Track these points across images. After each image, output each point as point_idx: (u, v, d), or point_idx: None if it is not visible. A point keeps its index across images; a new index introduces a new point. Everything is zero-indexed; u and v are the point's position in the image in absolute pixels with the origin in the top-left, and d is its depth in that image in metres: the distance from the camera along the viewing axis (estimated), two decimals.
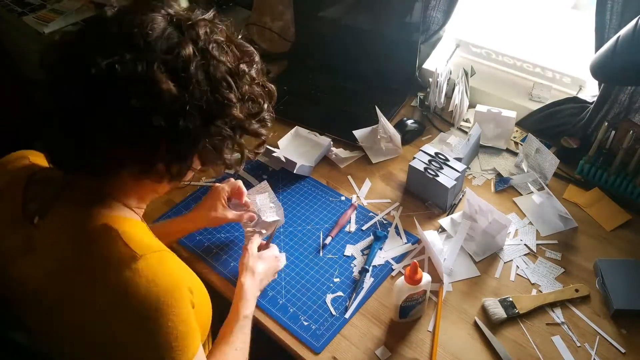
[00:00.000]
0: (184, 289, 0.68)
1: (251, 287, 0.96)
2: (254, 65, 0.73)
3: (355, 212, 1.21)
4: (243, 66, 0.70)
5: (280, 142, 1.36)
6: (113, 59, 0.60)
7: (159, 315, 0.64)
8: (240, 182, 1.09)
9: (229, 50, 0.69)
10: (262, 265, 1.00)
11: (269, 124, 0.78)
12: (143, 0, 0.68)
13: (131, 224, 0.72)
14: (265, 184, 1.16)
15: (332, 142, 1.36)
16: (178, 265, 0.71)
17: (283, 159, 1.27)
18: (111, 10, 0.66)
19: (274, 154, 1.28)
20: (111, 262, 0.65)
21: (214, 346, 0.88)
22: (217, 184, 1.08)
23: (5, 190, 0.76)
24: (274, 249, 1.06)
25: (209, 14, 0.71)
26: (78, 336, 0.68)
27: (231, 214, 1.06)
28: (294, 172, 1.26)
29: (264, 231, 1.09)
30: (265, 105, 0.75)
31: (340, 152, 1.36)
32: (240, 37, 0.74)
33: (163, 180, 0.70)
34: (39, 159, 0.80)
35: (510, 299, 1.01)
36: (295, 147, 1.38)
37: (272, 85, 0.77)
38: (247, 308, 0.93)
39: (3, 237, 0.73)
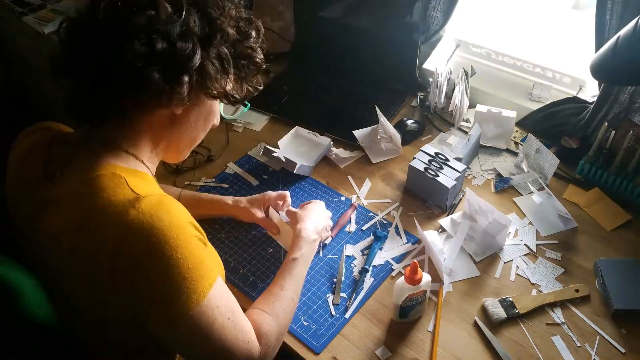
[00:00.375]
0: (188, 225, 0.71)
1: (305, 230, 1.01)
2: (238, 0, 0.80)
3: (355, 212, 1.21)
4: (227, 1, 0.77)
5: (281, 142, 1.36)
6: None
7: (168, 247, 0.67)
8: (287, 195, 1.13)
9: None
10: (315, 215, 1.06)
11: (259, 51, 0.83)
12: None
13: (139, 175, 0.76)
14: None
15: (332, 142, 1.36)
16: (179, 207, 0.73)
17: (283, 159, 1.27)
18: None
19: (274, 154, 1.28)
20: (118, 203, 0.68)
21: (267, 289, 0.92)
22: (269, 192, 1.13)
23: (29, 153, 0.81)
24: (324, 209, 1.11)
25: None
26: (93, 278, 0.70)
27: (261, 215, 1.13)
28: (294, 172, 1.26)
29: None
30: (253, 33, 0.81)
31: (340, 152, 1.36)
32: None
33: (167, 107, 0.74)
34: (58, 127, 0.86)
35: (510, 299, 1.01)
36: (295, 147, 1.38)
37: (255, 19, 0.83)
38: (297, 250, 0.98)
39: (29, 195, 0.77)
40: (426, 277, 0.93)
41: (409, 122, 1.42)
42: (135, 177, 0.74)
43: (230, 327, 0.74)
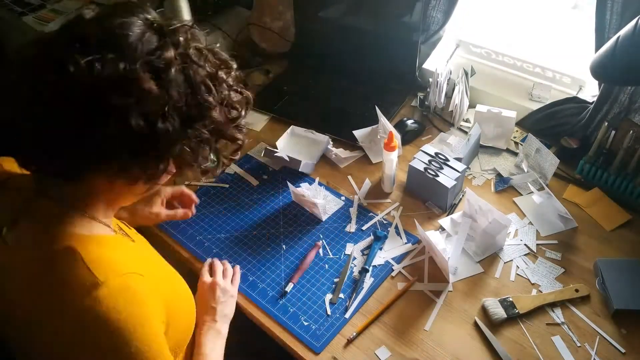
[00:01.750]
0: (150, 311, 0.68)
1: (224, 328, 0.96)
2: (231, 72, 0.74)
3: (318, 250, 1.14)
4: (221, 72, 0.71)
5: (279, 143, 1.36)
6: (93, 57, 0.60)
7: (122, 342, 0.64)
8: (191, 194, 1.10)
9: (208, 56, 0.70)
10: (227, 310, 0.99)
11: (244, 130, 0.78)
12: (122, 3, 0.68)
13: (98, 241, 0.71)
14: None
15: (330, 139, 1.35)
16: (144, 287, 0.69)
17: (287, 158, 1.26)
18: (90, 12, 0.66)
19: (276, 154, 1.28)
20: (72, 289, 0.64)
21: None
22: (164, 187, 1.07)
23: None
24: (234, 289, 1.03)
25: (188, 21, 0.71)
26: (47, 357, 0.68)
27: (164, 213, 1.07)
28: (299, 169, 1.26)
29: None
30: (243, 112, 0.75)
31: (340, 152, 1.36)
32: (218, 45, 0.75)
33: (137, 182, 0.69)
34: (12, 166, 0.79)
35: (510, 299, 1.01)
36: (293, 145, 1.38)
37: (249, 93, 0.77)
38: (220, 347, 0.93)
39: None
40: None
41: (409, 122, 1.42)
42: (94, 246, 0.69)
43: None
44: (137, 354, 0.65)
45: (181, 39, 0.67)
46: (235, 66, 0.75)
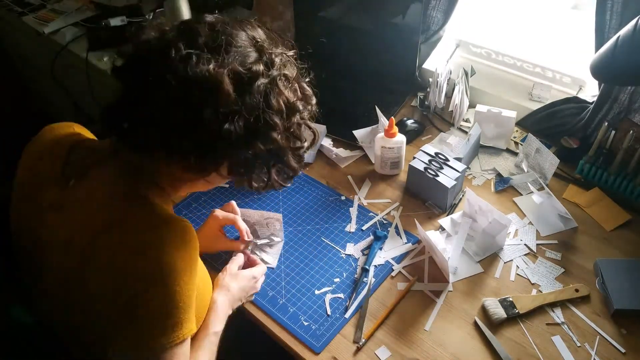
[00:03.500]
0: (196, 264, 0.73)
1: (223, 303, 0.93)
2: (309, 107, 0.81)
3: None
4: (299, 104, 0.78)
5: None
6: (194, 51, 0.67)
7: (176, 277, 0.69)
8: (243, 230, 1.09)
9: (293, 86, 0.77)
10: (236, 284, 0.98)
11: (303, 162, 0.83)
12: (240, 20, 0.76)
13: (162, 201, 0.78)
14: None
15: (326, 129, 1.33)
16: (197, 241, 0.75)
17: None
18: (211, 17, 0.74)
19: None
20: (143, 222, 0.71)
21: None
22: (217, 211, 1.09)
23: (47, 152, 0.81)
24: (255, 269, 1.03)
25: (291, 52, 0.80)
26: (94, 294, 0.71)
27: (224, 244, 1.10)
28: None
29: (258, 242, 1.13)
30: (306, 144, 0.81)
31: (340, 151, 1.36)
32: (307, 80, 0.83)
33: (188, 171, 0.74)
34: (83, 131, 0.87)
35: (510, 299, 1.01)
36: None
37: (316, 129, 0.84)
38: (217, 324, 0.90)
39: (40, 192, 0.78)
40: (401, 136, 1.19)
41: (409, 122, 1.42)
42: (159, 201, 0.77)
43: None
44: (185, 294, 0.70)
45: (277, 61, 0.74)
46: (314, 102, 0.82)
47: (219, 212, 1.08)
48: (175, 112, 0.68)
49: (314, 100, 0.82)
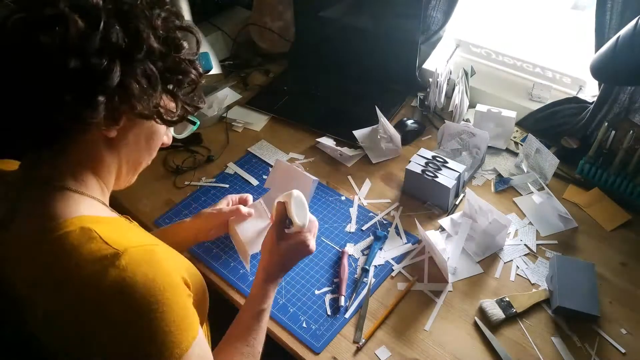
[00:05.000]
0: (174, 276, 0.68)
1: (272, 283, 0.88)
2: (168, 8, 0.72)
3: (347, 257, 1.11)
4: (156, 10, 0.69)
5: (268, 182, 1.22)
6: (23, 11, 0.62)
7: (153, 303, 0.63)
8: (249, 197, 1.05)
9: None
10: (288, 261, 0.90)
11: (199, 68, 0.75)
12: None
13: (106, 221, 0.70)
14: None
15: (318, 180, 1.21)
16: (165, 255, 0.69)
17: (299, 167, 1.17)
18: None
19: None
20: (95, 266, 0.63)
21: (228, 344, 0.84)
22: (221, 208, 1.03)
23: None
24: (306, 236, 0.90)
25: None
26: (73, 343, 0.67)
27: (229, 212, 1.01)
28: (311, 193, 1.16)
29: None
30: (186, 44, 0.72)
31: (346, 150, 1.36)
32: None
33: (95, 126, 0.67)
34: (3, 165, 0.79)
35: (507, 299, 1.01)
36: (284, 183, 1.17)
37: (196, 28, 0.75)
38: (266, 300, 0.87)
39: None
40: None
41: (409, 122, 1.42)
42: (104, 225, 0.68)
43: None
44: (167, 314, 0.64)
45: None
46: (174, 2, 0.72)
47: (223, 209, 1.02)
48: (39, 76, 0.62)
49: (169, 1, 0.73)
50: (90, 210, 0.70)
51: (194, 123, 0.85)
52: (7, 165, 0.79)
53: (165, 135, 0.80)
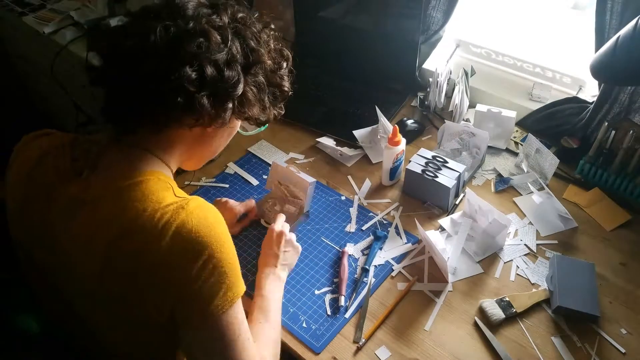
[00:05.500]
0: (226, 229, 0.75)
1: (274, 274, 1.01)
2: (272, 33, 0.86)
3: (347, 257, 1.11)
4: (265, 33, 0.83)
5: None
6: (167, 22, 0.72)
7: (216, 243, 0.71)
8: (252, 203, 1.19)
9: (253, 20, 0.82)
10: (290, 255, 1.06)
11: (288, 83, 0.90)
12: None
13: (172, 181, 0.79)
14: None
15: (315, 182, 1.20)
16: (218, 210, 0.77)
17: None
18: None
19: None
20: (168, 205, 0.71)
21: (254, 324, 0.91)
22: (230, 202, 1.15)
23: (45, 155, 0.80)
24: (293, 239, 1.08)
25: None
26: (130, 274, 0.71)
27: (237, 229, 1.17)
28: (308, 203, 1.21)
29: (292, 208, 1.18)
30: (285, 64, 0.87)
31: (346, 150, 1.36)
32: (256, 15, 0.86)
33: (209, 124, 0.77)
34: (63, 134, 0.86)
35: (507, 299, 1.01)
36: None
37: (288, 51, 0.89)
38: (279, 292, 1.00)
39: (52, 195, 0.77)
40: (403, 140, 1.21)
41: (409, 122, 1.42)
42: (173, 183, 0.78)
43: (246, 347, 0.76)
44: (227, 255, 0.73)
45: (229, 9, 0.79)
46: (273, 27, 0.87)
47: (235, 205, 1.16)
48: (178, 76, 0.71)
49: (272, 25, 0.87)
50: (166, 172, 0.79)
51: (265, 124, 1.03)
52: (64, 134, 0.85)
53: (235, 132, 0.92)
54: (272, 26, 0.87)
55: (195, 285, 0.70)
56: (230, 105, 0.76)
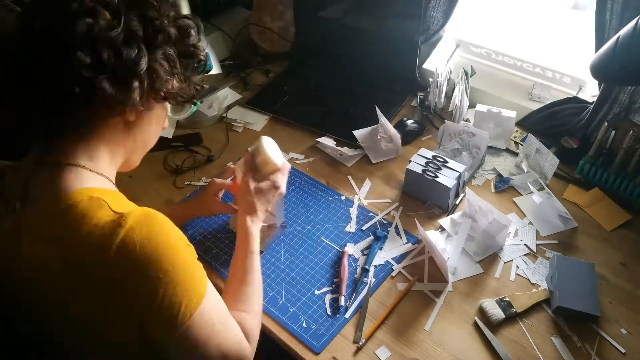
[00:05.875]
0: (175, 233, 0.71)
1: (254, 223, 0.97)
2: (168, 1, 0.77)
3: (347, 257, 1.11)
4: (162, 3, 0.75)
5: None
6: (49, 14, 0.66)
7: (163, 257, 0.67)
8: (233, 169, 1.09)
9: None
10: (262, 199, 0.99)
11: (203, 51, 0.81)
12: None
13: (109, 193, 0.73)
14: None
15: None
16: (163, 217, 0.72)
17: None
18: None
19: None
20: (104, 226, 0.66)
21: (230, 287, 0.90)
22: (215, 179, 1.11)
23: None
24: (275, 177, 1.00)
25: None
26: (88, 299, 0.69)
27: (219, 207, 1.13)
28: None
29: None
30: (192, 31, 0.79)
31: (346, 150, 1.36)
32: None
33: (124, 110, 0.72)
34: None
35: (507, 299, 1.01)
36: None
37: (190, 15, 0.81)
38: (253, 244, 0.94)
39: None
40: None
41: (409, 122, 1.42)
42: (111, 196, 0.72)
43: (223, 330, 0.75)
44: (178, 267, 0.68)
45: None
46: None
47: (216, 179, 1.11)
48: (70, 64, 0.65)
49: None
50: (98, 184, 0.73)
51: (194, 103, 0.88)
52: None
53: (165, 119, 0.86)
54: None
55: (151, 308, 0.67)
56: (137, 84, 0.69)
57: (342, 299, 1.03)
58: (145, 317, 0.68)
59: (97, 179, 0.73)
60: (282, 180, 1.01)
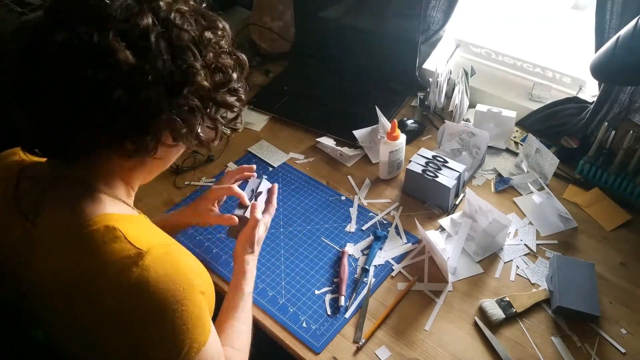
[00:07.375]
0: (192, 277, 0.69)
1: (252, 262, 0.97)
2: (220, 34, 0.71)
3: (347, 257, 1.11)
4: (208, 34, 0.68)
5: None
6: (69, 34, 0.59)
7: (174, 301, 0.65)
8: (242, 194, 1.04)
9: (194, 19, 0.67)
10: (259, 242, 1.01)
11: (243, 96, 0.75)
12: None
13: (130, 219, 0.71)
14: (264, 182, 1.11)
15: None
16: (184, 255, 0.71)
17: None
18: None
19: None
20: (118, 264, 0.64)
21: (220, 322, 0.89)
22: (213, 186, 1.06)
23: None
24: (267, 221, 1.03)
25: None
26: (92, 336, 0.68)
27: (214, 219, 1.05)
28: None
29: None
30: (235, 75, 0.72)
31: (346, 150, 1.36)
32: (204, 5, 0.70)
33: (134, 156, 0.68)
34: (29, 155, 0.78)
35: (507, 299, 1.01)
36: None
37: (243, 55, 0.74)
38: (249, 285, 0.95)
39: (3, 231, 0.73)
40: (402, 136, 1.22)
41: (409, 122, 1.42)
42: (128, 223, 0.69)
43: None
44: (187, 312, 0.66)
45: (162, 3, 0.64)
46: (226, 27, 0.72)
47: (214, 187, 1.05)
48: (84, 106, 0.61)
49: (224, 24, 0.72)
50: (114, 208, 0.71)
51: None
52: (17, 155, 0.79)
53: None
54: (224, 25, 0.71)
55: (154, 349, 0.66)
56: (153, 139, 0.66)
57: (342, 298, 1.03)
58: (142, 351, 0.66)
59: (113, 203, 0.72)
60: (269, 220, 1.05)
